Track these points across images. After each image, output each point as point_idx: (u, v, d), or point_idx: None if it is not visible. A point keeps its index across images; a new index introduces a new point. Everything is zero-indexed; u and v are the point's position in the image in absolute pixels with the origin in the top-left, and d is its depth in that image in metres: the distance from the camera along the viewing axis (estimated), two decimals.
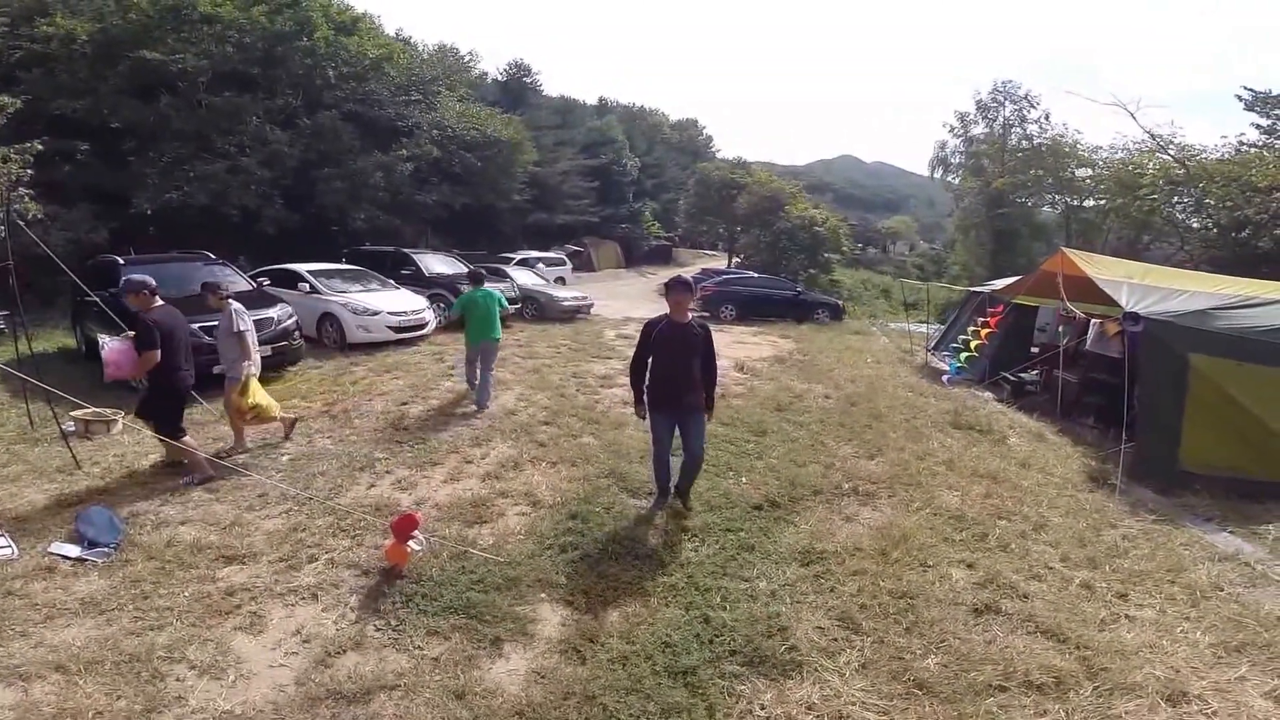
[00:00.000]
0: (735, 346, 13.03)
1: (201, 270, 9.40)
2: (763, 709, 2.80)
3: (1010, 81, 34.24)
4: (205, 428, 6.36)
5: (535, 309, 15.35)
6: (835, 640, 3.30)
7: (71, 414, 5.87)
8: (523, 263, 21.17)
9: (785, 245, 27.84)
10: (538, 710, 2.77)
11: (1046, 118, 31.20)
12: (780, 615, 3.48)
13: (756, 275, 22.67)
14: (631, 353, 4.84)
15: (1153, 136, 21.18)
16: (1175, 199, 19.49)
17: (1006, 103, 32.84)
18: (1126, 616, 3.69)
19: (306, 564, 3.92)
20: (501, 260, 19.45)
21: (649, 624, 3.39)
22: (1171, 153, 20.32)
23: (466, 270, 10.77)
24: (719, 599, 3.65)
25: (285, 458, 5.70)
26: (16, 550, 3.95)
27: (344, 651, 3.13)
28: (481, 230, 26.86)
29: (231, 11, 17.17)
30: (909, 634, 3.37)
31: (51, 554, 3.93)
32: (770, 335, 15.08)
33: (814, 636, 3.31)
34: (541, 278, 19.11)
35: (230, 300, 5.61)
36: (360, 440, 6.15)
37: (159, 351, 4.77)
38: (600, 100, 54.07)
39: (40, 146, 10.31)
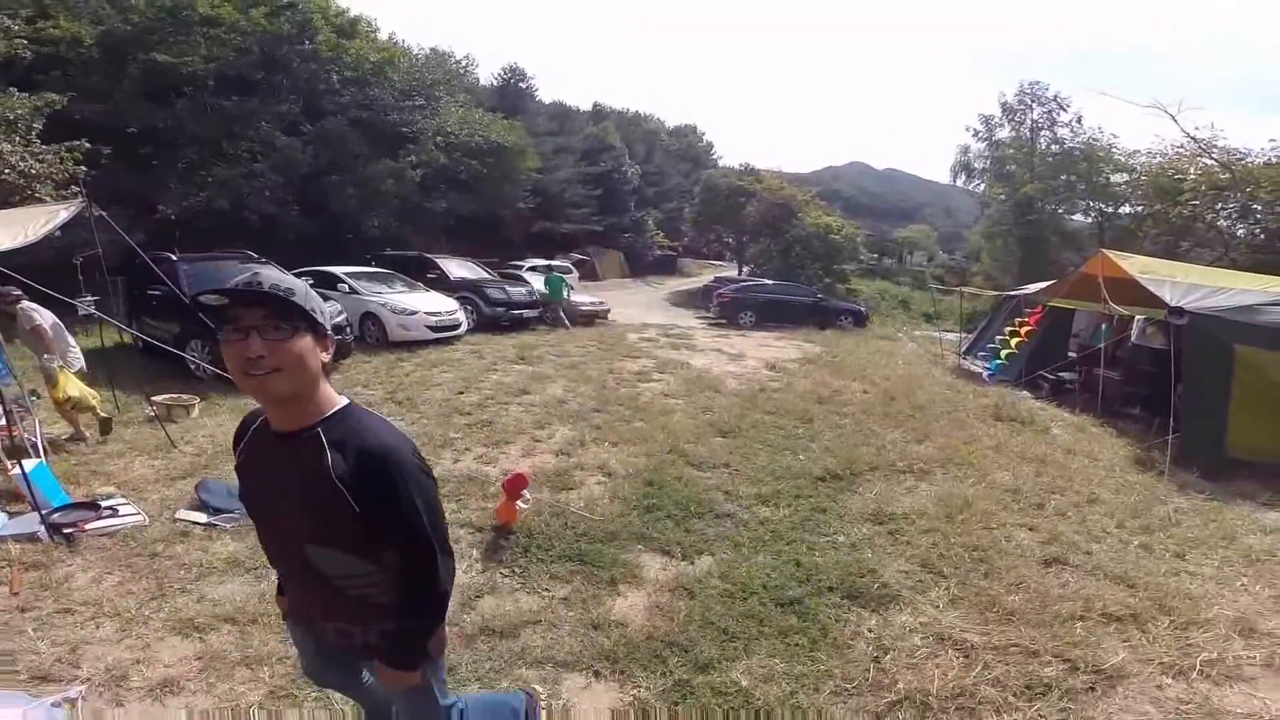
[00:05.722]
0: (761, 349, 13.52)
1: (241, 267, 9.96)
2: (871, 630, 3.24)
3: (1038, 83, 32.54)
4: None
5: (554, 314, 15.97)
6: (922, 581, 3.75)
7: (153, 398, 6.44)
8: (532, 269, 21.81)
9: (799, 254, 28.09)
10: (666, 634, 3.19)
11: (1079, 120, 30.06)
12: (866, 560, 3.94)
13: (771, 282, 23.20)
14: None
15: (1194, 140, 20.90)
16: (1219, 204, 19.42)
17: (1034, 105, 31.72)
18: (1186, 572, 4.12)
19: None
20: (513, 268, 20.06)
21: (745, 567, 3.83)
22: (1215, 156, 20.14)
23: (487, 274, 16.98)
24: (805, 548, 4.10)
25: None
26: (146, 517, 4.27)
27: (481, 596, 3.51)
28: (488, 238, 27.39)
29: (231, 13, 17.71)
30: (988, 578, 3.81)
31: (180, 519, 4.25)
32: (794, 339, 15.53)
33: (901, 578, 3.76)
34: None
35: (20, 302, 5.91)
36: (430, 422, 6.63)
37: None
38: (595, 106, 52.99)
39: (88, 145, 10.80)
